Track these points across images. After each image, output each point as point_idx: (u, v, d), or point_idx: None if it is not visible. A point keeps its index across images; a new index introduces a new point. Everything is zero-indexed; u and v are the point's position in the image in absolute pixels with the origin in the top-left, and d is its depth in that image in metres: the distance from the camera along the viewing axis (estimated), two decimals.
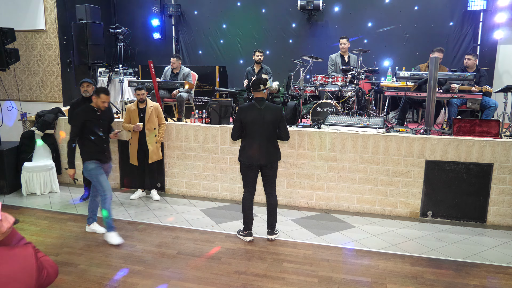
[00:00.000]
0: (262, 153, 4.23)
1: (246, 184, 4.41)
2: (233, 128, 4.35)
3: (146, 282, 3.61)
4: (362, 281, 3.66)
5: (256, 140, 4.22)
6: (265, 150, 4.24)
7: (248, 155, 4.25)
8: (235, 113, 4.32)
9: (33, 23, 7.41)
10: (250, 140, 4.24)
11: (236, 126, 4.31)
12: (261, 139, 4.21)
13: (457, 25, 8.00)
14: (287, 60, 8.52)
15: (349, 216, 5.25)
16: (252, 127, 4.21)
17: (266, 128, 4.22)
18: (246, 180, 4.39)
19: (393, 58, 8.22)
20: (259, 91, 4.27)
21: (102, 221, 4.47)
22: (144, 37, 9.46)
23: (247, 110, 4.25)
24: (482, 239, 4.60)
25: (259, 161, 4.25)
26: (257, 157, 4.23)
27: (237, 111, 4.34)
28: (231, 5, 9.10)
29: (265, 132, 4.22)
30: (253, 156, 4.23)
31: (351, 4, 8.45)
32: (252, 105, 4.27)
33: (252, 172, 4.33)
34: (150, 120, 5.49)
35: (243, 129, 4.28)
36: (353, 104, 6.45)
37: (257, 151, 4.22)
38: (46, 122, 6.19)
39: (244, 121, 4.22)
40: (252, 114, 4.21)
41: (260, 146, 4.22)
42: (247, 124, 4.22)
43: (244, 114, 4.23)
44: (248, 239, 4.47)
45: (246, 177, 4.39)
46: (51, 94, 7.59)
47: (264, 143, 4.23)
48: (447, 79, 5.90)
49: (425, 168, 5.08)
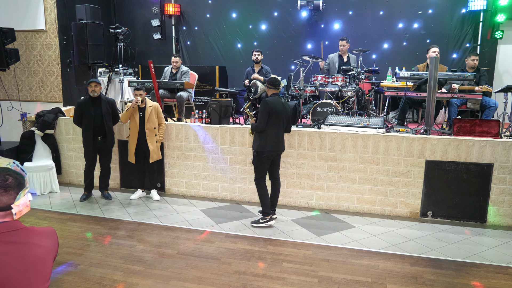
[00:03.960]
0: (282, 142, 4.76)
1: (263, 174, 4.77)
2: (262, 119, 4.63)
3: (146, 282, 3.61)
4: (362, 281, 3.66)
5: (279, 130, 4.68)
6: (283, 139, 4.79)
7: (275, 143, 4.65)
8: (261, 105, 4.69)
9: (33, 23, 7.41)
10: (275, 130, 4.64)
11: (265, 117, 4.61)
12: (280, 129, 4.71)
13: (457, 25, 7.99)
14: (287, 60, 8.52)
15: (349, 216, 5.25)
16: (278, 118, 4.63)
17: (285, 119, 4.73)
18: (264, 170, 4.76)
19: (393, 58, 8.22)
20: (276, 88, 4.75)
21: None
22: (144, 37, 9.46)
23: (274, 102, 4.63)
24: (482, 239, 4.59)
25: (281, 149, 4.77)
26: (281, 146, 4.74)
27: (263, 103, 4.63)
28: (231, 5, 9.10)
29: (283, 123, 4.72)
30: (277, 145, 4.68)
31: (351, 4, 8.45)
32: (276, 99, 4.69)
33: (269, 161, 4.75)
34: (150, 119, 5.49)
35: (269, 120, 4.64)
36: (353, 104, 6.45)
37: (280, 140, 4.71)
38: (46, 122, 6.20)
39: (272, 112, 4.59)
40: (279, 106, 4.64)
41: (281, 136, 4.75)
42: (274, 115, 4.60)
43: (273, 106, 4.60)
44: (273, 222, 4.86)
45: (263, 168, 4.75)
46: (51, 94, 7.59)
47: (282, 133, 4.77)
48: (447, 79, 5.90)
49: (425, 168, 5.08)
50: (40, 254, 1.52)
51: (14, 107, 7.09)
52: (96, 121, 5.43)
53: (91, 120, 5.41)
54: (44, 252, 1.55)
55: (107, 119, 5.50)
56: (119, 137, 6.14)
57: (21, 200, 1.52)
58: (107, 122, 5.49)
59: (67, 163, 6.47)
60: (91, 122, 5.42)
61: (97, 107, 5.45)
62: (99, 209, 5.42)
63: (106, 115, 5.48)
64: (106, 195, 5.82)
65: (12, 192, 1.49)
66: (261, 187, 4.76)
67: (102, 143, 5.56)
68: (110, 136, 5.60)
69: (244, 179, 5.71)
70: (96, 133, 5.48)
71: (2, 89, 7.51)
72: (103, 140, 5.54)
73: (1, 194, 1.47)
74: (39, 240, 1.55)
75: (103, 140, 5.54)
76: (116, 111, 5.74)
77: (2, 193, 1.47)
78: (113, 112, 5.64)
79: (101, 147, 5.59)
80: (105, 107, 5.48)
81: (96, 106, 5.44)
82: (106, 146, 5.61)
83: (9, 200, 1.48)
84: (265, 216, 4.81)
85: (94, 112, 5.42)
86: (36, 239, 1.54)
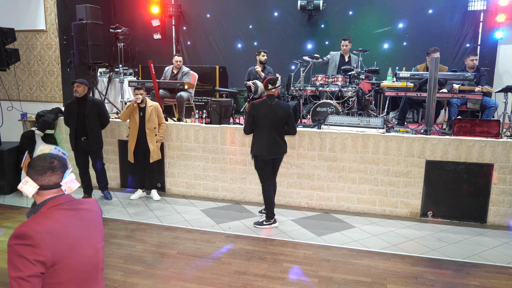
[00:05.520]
0: (274, 147, 4.61)
1: (266, 177, 4.74)
2: (246, 122, 4.68)
3: (146, 282, 3.61)
4: (362, 281, 3.66)
5: (267, 134, 4.57)
6: (275, 143, 4.62)
7: (262, 148, 4.59)
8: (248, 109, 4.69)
9: (33, 23, 7.40)
10: (262, 134, 4.58)
11: (249, 120, 4.65)
12: (271, 133, 4.58)
13: (457, 25, 7.99)
14: (287, 60, 8.51)
15: (349, 216, 5.25)
16: (264, 121, 4.56)
17: (276, 123, 4.58)
18: (266, 174, 4.73)
19: (393, 58, 8.21)
20: (269, 90, 4.65)
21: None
22: (145, 37, 9.45)
23: (259, 106, 4.60)
24: (482, 239, 4.59)
25: (273, 153, 4.64)
26: (272, 150, 4.62)
27: (249, 106, 4.66)
28: (231, 5, 9.09)
29: (274, 127, 4.58)
30: (267, 149, 4.58)
31: (351, 3, 8.45)
32: (264, 102, 4.64)
33: (269, 165, 4.70)
34: (150, 119, 5.49)
35: (254, 123, 4.62)
36: (353, 104, 6.45)
37: (269, 144, 4.58)
38: (46, 122, 6.19)
39: (256, 116, 4.57)
40: (264, 110, 4.57)
41: (272, 140, 4.59)
42: (259, 118, 4.57)
43: (257, 110, 4.58)
44: (276, 224, 4.85)
45: (264, 171, 4.72)
46: (51, 94, 7.58)
47: (275, 137, 4.61)
48: (448, 79, 5.90)
49: (425, 168, 5.08)
50: (94, 217, 1.89)
51: (14, 107, 7.09)
52: (79, 122, 5.32)
53: (74, 120, 5.33)
54: (96, 216, 1.91)
55: (91, 120, 5.34)
56: (119, 137, 6.14)
57: (68, 178, 1.82)
58: (89, 122, 5.34)
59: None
60: (74, 122, 5.33)
61: (81, 108, 5.32)
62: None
63: (89, 116, 5.33)
64: (106, 195, 5.79)
65: (59, 172, 1.79)
66: (265, 190, 4.77)
67: (86, 144, 5.42)
68: (93, 137, 5.42)
69: (244, 179, 5.71)
70: (79, 134, 5.37)
71: (2, 89, 7.51)
72: (86, 141, 5.40)
73: (50, 174, 1.76)
74: (90, 205, 1.90)
75: (86, 142, 5.40)
76: (103, 112, 5.54)
77: (51, 174, 1.76)
78: (99, 113, 5.45)
79: (86, 149, 5.46)
80: (90, 108, 5.32)
81: (80, 107, 5.32)
82: (90, 148, 5.45)
83: (57, 179, 1.78)
84: (269, 219, 4.82)
85: (77, 112, 5.31)
86: (87, 205, 1.89)
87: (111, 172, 6.24)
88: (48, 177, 1.76)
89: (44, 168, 1.75)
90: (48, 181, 1.76)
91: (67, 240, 1.68)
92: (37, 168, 1.75)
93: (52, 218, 1.69)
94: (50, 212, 1.72)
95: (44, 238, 1.60)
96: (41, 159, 1.78)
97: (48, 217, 1.69)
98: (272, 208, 4.81)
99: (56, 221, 1.69)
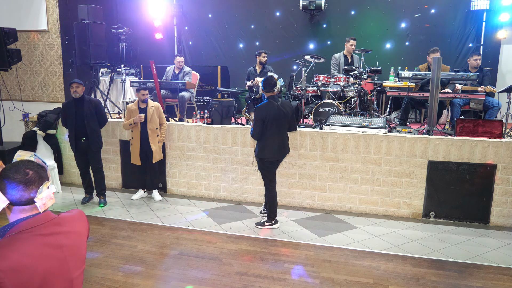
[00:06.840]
0: (284, 147, 4.61)
1: (272, 179, 4.72)
2: (256, 128, 4.50)
3: (147, 282, 3.60)
4: (364, 282, 3.64)
5: (279, 135, 4.52)
6: (285, 143, 4.64)
7: (274, 150, 4.52)
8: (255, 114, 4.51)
9: (35, 23, 7.41)
10: (274, 136, 4.49)
11: (259, 125, 4.47)
12: (281, 133, 4.55)
13: (460, 25, 7.95)
14: (289, 60, 8.49)
15: (351, 217, 5.22)
16: (274, 123, 4.46)
17: (285, 122, 4.55)
18: (272, 175, 4.72)
19: (395, 58, 8.18)
20: (271, 91, 4.55)
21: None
22: (146, 37, 9.45)
23: (267, 109, 4.46)
24: (485, 240, 4.56)
25: (283, 154, 4.64)
26: (282, 151, 4.60)
27: (256, 111, 4.51)
28: (233, 5, 9.08)
29: (284, 126, 4.56)
30: (279, 151, 4.54)
31: (353, 3, 8.42)
32: (269, 103, 4.51)
33: (275, 166, 4.71)
34: (152, 120, 5.48)
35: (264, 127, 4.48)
36: (355, 104, 6.42)
37: (279, 147, 4.54)
38: (48, 122, 6.20)
39: (266, 119, 4.43)
40: (273, 112, 4.45)
41: (283, 140, 4.58)
42: (269, 122, 4.44)
43: (266, 113, 4.44)
44: (278, 224, 4.84)
45: (270, 173, 4.70)
46: (53, 94, 7.59)
47: (285, 137, 4.62)
48: (450, 79, 5.87)
49: (428, 168, 5.05)
50: (74, 240, 1.61)
51: (16, 107, 7.10)
52: (78, 122, 5.27)
53: (73, 121, 5.28)
54: (78, 237, 1.64)
55: (90, 120, 5.29)
56: (121, 137, 6.14)
57: (44, 193, 1.51)
58: (89, 123, 5.29)
59: (69, 163, 6.48)
60: (73, 123, 5.29)
61: (79, 109, 5.27)
62: (101, 209, 5.42)
63: (88, 116, 5.28)
64: (100, 201, 5.60)
65: (33, 186, 1.50)
66: (269, 192, 4.74)
67: (86, 145, 5.37)
68: (94, 137, 5.36)
69: (245, 179, 5.69)
70: (79, 135, 5.32)
71: (4, 89, 7.52)
72: (86, 142, 5.35)
73: (23, 189, 1.48)
74: (71, 226, 1.62)
75: (86, 142, 5.35)
76: (101, 111, 5.49)
77: (24, 188, 1.48)
78: (98, 112, 5.39)
79: (86, 149, 5.41)
80: (88, 108, 5.27)
81: (78, 108, 5.27)
82: (90, 148, 5.40)
83: (31, 194, 1.49)
84: (270, 220, 4.81)
85: (75, 113, 5.26)
86: (68, 226, 1.60)
87: (112, 172, 6.24)
88: (20, 192, 1.47)
89: (16, 180, 1.47)
90: (20, 196, 1.47)
91: (36, 276, 1.43)
92: (8, 180, 1.47)
93: (20, 250, 1.42)
94: (19, 240, 1.45)
95: (8, 276, 1.36)
96: (13, 169, 1.49)
97: (16, 249, 1.42)
98: (274, 210, 4.79)
99: (24, 254, 1.42)
